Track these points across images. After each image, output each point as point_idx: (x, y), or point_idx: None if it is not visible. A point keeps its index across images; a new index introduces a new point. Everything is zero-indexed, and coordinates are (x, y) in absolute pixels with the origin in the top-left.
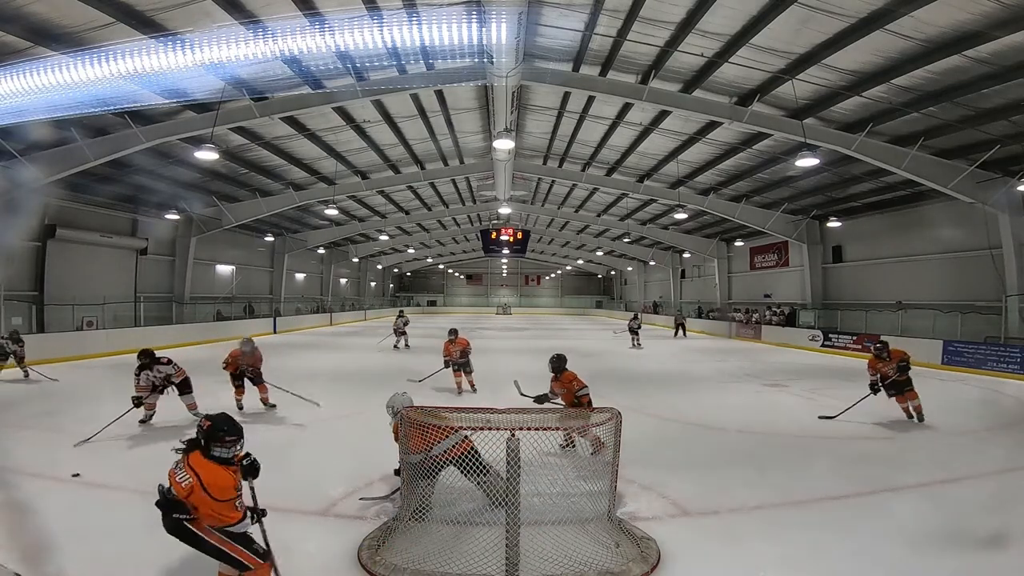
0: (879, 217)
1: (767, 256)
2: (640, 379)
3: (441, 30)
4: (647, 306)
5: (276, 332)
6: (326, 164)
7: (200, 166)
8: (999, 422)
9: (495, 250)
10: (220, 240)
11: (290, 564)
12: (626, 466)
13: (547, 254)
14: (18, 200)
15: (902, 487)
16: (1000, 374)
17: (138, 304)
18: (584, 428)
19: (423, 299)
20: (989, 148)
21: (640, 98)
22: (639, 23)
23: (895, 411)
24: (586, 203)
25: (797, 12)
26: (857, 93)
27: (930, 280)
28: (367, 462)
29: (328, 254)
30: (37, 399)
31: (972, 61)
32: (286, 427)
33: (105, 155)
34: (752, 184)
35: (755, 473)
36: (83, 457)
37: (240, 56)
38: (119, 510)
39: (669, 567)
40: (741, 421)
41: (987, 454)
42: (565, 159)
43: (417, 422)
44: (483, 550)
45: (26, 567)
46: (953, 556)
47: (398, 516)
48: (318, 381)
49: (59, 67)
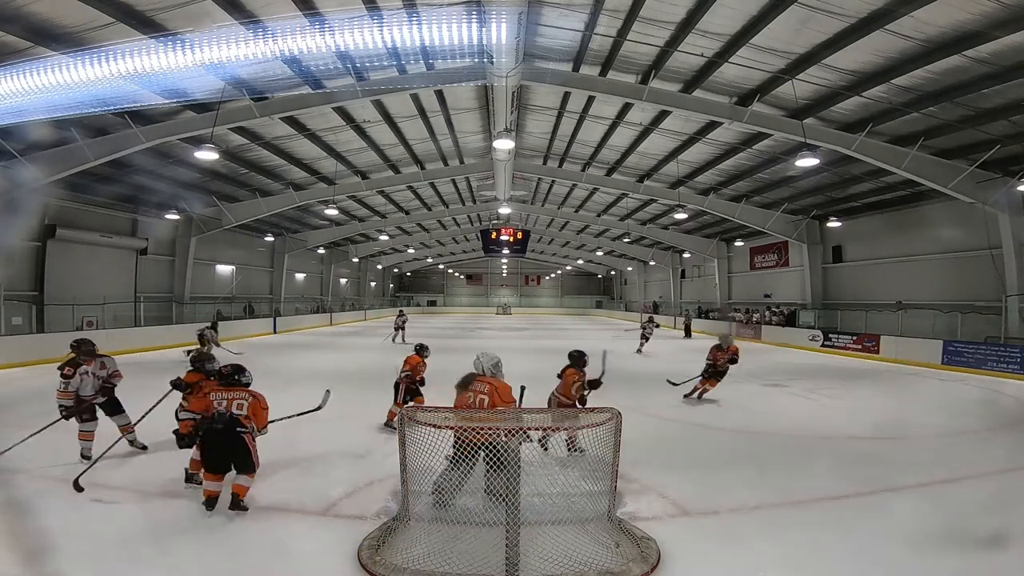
0: (879, 217)
1: (767, 256)
2: (640, 379)
3: (441, 30)
4: (647, 306)
5: (276, 332)
6: (326, 164)
7: (200, 166)
8: (999, 422)
9: (495, 250)
10: (220, 240)
11: (290, 564)
12: (626, 466)
13: (547, 254)
14: (18, 200)
15: (902, 487)
16: (1000, 374)
17: (138, 304)
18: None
19: (423, 299)
20: (989, 148)
21: (640, 98)
22: (639, 23)
23: (895, 411)
24: (586, 203)
25: (797, 12)
26: (857, 93)
27: (930, 280)
28: (367, 462)
29: (328, 254)
30: (37, 399)
31: (972, 61)
32: (286, 427)
33: (105, 155)
34: (752, 184)
35: (755, 473)
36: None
37: (240, 56)
38: (119, 511)
39: (669, 567)
40: (741, 421)
41: (987, 454)
42: (565, 159)
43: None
44: (483, 550)
45: (26, 567)
46: (953, 556)
47: (398, 516)
48: (318, 381)
49: (59, 67)
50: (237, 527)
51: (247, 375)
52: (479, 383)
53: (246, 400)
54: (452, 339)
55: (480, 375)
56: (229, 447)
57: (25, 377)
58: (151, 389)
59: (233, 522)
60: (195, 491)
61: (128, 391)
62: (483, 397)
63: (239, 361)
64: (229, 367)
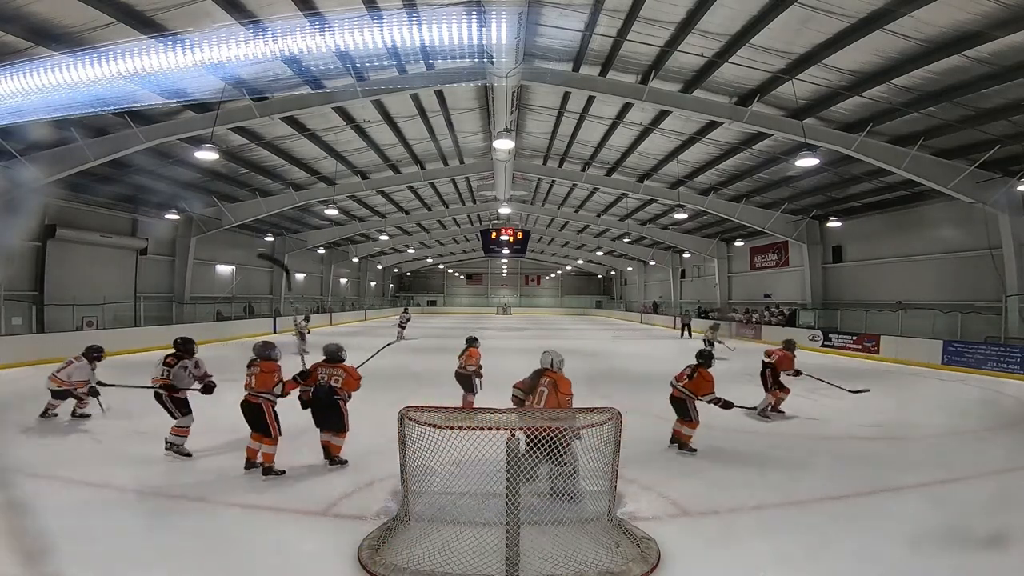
0: (879, 217)
1: (767, 256)
2: (640, 379)
3: (441, 30)
4: (646, 306)
5: (276, 332)
6: (326, 164)
7: (200, 166)
8: (999, 422)
9: (495, 250)
10: (220, 240)
11: (290, 564)
12: (626, 466)
13: (547, 254)
14: (18, 200)
15: (902, 487)
16: (1000, 374)
17: (138, 304)
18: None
19: (423, 299)
20: (989, 148)
21: (640, 98)
22: (639, 23)
23: (895, 411)
24: (586, 203)
25: (797, 12)
26: (857, 93)
27: (930, 280)
28: (368, 462)
29: (328, 254)
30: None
31: (972, 61)
32: (286, 427)
33: (105, 155)
34: (752, 184)
35: (755, 473)
36: (84, 457)
37: (240, 56)
38: (119, 510)
39: (669, 567)
40: (741, 421)
41: (987, 454)
42: (565, 159)
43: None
44: (483, 550)
45: (26, 567)
46: (953, 556)
47: (398, 516)
48: None
49: (59, 67)
50: (237, 527)
51: (343, 353)
52: (546, 377)
53: (341, 375)
54: (452, 339)
55: (548, 369)
56: (327, 410)
57: (25, 377)
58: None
59: (233, 522)
60: (195, 491)
61: (129, 390)
62: (543, 390)
63: (327, 345)
64: (333, 345)
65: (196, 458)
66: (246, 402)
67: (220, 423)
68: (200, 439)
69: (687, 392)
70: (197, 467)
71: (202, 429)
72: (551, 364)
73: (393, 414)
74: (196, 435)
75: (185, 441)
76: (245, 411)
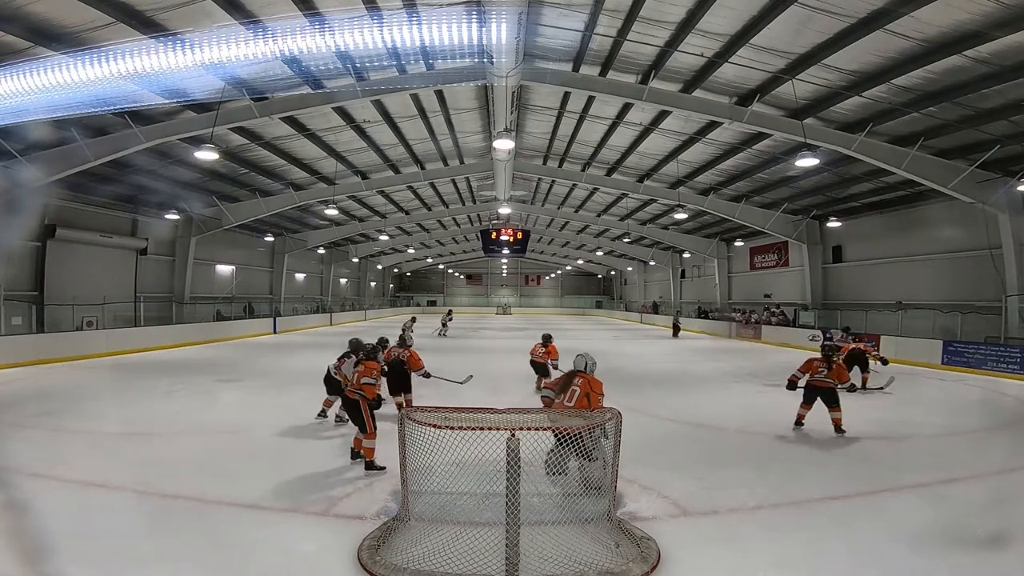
0: (879, 217)
1: (767, 256)
2: (640, 379)
3: (441, 30)
4: (646, 306)
5: (276, 332)
6: (326, 164)
7: (200, 166)
8: (999, 422)
9: (495, 250)
10: (220, 240)
11: (290, 564)
12: (626, 466)
13: (547, 254)
14: (18, 200)
15: (902, 487)
16: (1000, 374)
17: (138, 304)
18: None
19: (423, 299)
20: (989, 148)
21: (640, 98)
22: (639, 23)
23: (895, 411)
24: (586, 203)
25: (797, 12)
26: (857, 93)
27: (930, 280)
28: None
29: (328, 254)
30: (37, 399)
31: (972, 61)
32: (286, 427)
33: (105, 155)
34: (752, 184)
35: (755, 473)
36: (84, 457)
37: (240, 56)
38: (119, 510)
39: (669, 567)
40: (741, 421)
41: (987, 454)
42: (565, 159)
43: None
44: (483, 550)
45: (26, 567)
46: (953, 556)
47: (398, 516)
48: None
49: (59, 67)
50: (237, 527)
51: (411, 339)
52: (579, 377)
53: (407, 354)
54: (454, 338)
55: (581, 371)
56: (399, 377)
57: (25, 377)
58: (152, 389)
59: (233, 522)
60: (195, 491)
61: (129, 390)
62: (575, 389)
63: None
64: (404, 330)
65: (196, 458)
66: (346, 396)
67: (219, 423)
68: (200, 439)
69: (830, 381)
70: (197, 467)
71: (201, 429)
72: (584, 367)
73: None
74: (196, 435)
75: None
76: (346, 404)
